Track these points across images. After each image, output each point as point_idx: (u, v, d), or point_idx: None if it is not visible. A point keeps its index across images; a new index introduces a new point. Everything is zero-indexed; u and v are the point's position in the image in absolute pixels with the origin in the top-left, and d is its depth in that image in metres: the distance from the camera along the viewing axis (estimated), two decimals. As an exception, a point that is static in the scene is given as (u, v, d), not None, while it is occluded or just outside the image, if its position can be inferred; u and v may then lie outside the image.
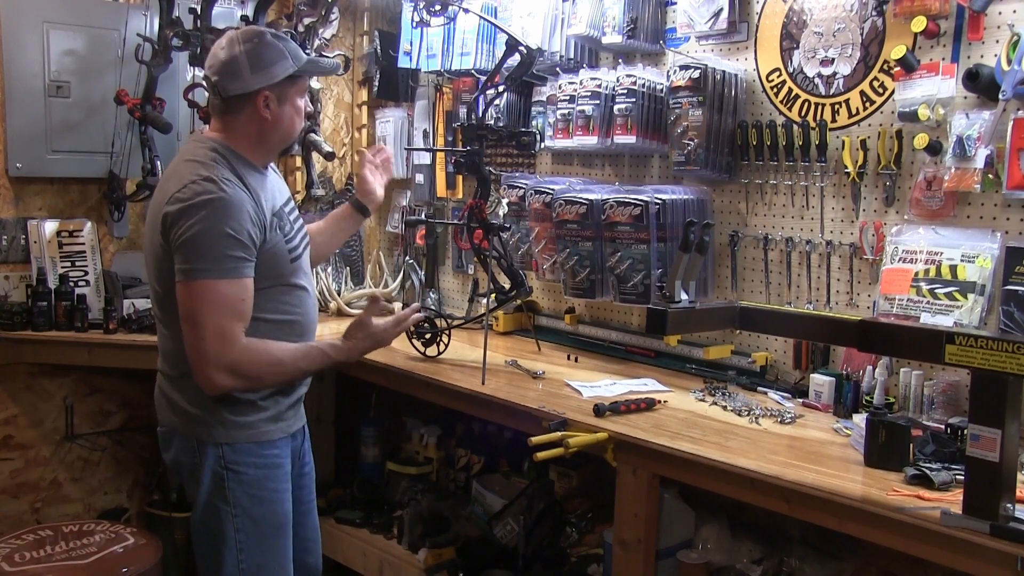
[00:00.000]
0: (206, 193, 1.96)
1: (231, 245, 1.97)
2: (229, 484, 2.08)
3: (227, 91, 2.07)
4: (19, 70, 3.23)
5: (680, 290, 2.14)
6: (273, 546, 2.15)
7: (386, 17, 3.92)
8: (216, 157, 2.05)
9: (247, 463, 2.10)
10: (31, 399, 3.41)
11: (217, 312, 1.96)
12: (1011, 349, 1.52)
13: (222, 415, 2.07)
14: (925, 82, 2.21)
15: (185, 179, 2.00)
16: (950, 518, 1.60)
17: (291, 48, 2.11)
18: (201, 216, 1.95)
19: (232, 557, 2.10)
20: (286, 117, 2.13)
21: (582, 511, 2.83)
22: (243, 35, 2.10)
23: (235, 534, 2.09)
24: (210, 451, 2.08)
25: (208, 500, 2.09)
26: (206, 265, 1.95)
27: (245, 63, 2.05)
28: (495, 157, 3.41)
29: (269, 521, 2.13)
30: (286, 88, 2.11)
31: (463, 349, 2.95)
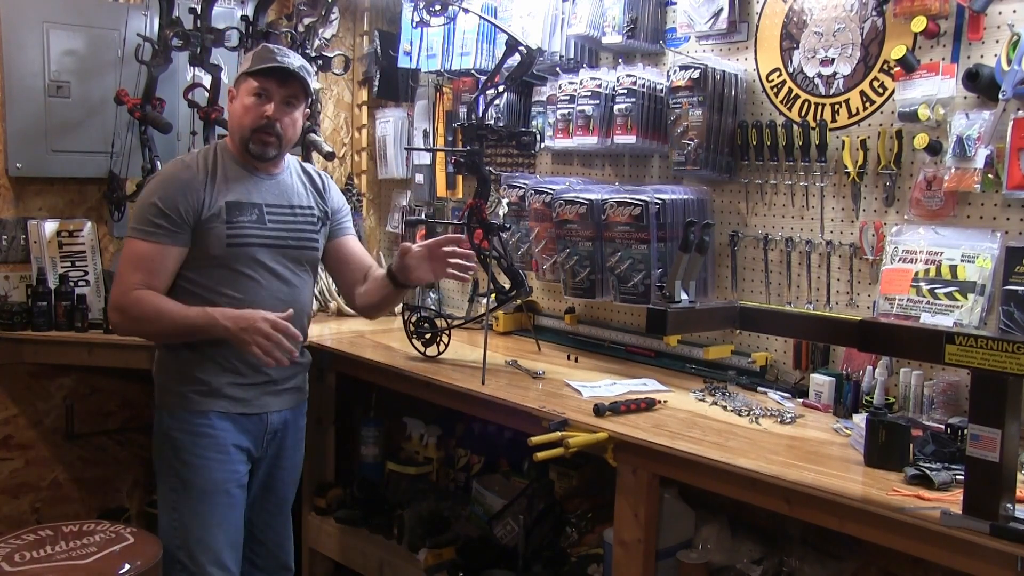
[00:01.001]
0: (163, 170, 2.38)
1: (153, 211, 2.25)
2: (166, 446, 2.34)
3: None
4: (19, 70, 3.23)
5: (680, 290, 2.14)
6: (202, 511, 2.32)
7: (386, 17, 3.92)
8: (204, 148, 2.44)
9: (181, 429, 2.32)
10: (31, 399, 3.41)
11: (128, 265, 2.27)
12: (1011, 349, 1.52)
13: (164, 381, 2.36)
14: (925, 82, 2.21)
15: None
16: (950, 518, 1.60)
17: (263, 54, 2.32)
18: (149, 186, 2.36)
19: (167, 516, 2.36)
20: (235, 112, 2.37)
21: (582, 511, 2.83)
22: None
23: (169, 492, 2.35)
24: (159, 414, 2.37)
25: (156, 456, 2.39)
26: (132, 225, 2.30)
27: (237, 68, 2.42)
28: (495, 157, 3.41)
29: (197, 486, 2.32)
30: (240, 85, 2.36)
31: (463, 349, 2.95)
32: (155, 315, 2.25)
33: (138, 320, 2.27)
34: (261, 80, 2.29)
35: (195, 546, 2.31)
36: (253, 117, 2.30)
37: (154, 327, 2.30)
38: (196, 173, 2.30)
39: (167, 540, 2.33)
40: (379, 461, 3.48)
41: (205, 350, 2.30)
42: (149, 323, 2.28)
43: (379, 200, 4.12)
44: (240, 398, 2.34)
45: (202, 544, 2.31)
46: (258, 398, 2.37)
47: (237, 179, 2.34)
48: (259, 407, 2.38)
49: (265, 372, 2.35)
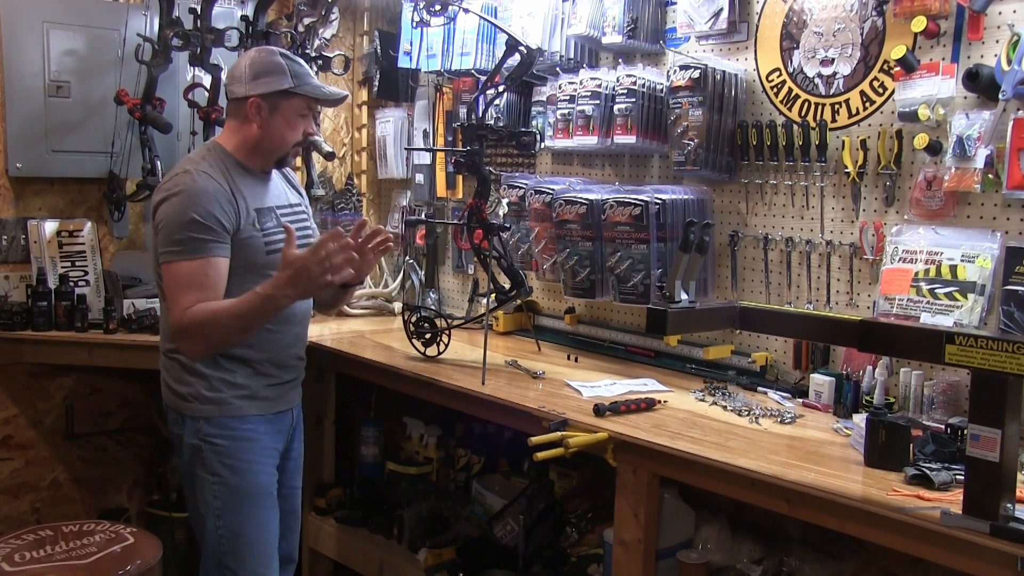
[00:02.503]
0: (179, 184, 2.19)
1: (196, 228, 2.15)
2: (206, 455, 2.26)
3: (230, 93, 2.32)
4: (19, 70, 3.23)
5: (680, 290, 2.14)
6: (250, 514, 2.30)
7: (386, 17, 3.92)
8: (205, 154, 2.29)
9: (221, 435, 2.27)
10: (31, 399, 3.42)
11: (177, 287, 2.16)
12: (1011, 349, 1.52)
13: (198, 391, 2.26)
14: (925, 82, 2.21)
15: (171, 173, 2.27)
16: (950, 518, 1.60)
17: (296, 69, 2.29)
18: (172, 204, 2.18)
19: (212, 522, 2.28)
20: (275, 128, 2.29)
21: (582, 511, 2.83)
22: (257, 49, 2.36)
23: (213, 500, 2.27)
24: (188, 423, 2.27)
25: (189, 468, 2.30)
26: (172, 248, 2.16)
27: (247, 71, 2.27)
28: (495, 157, 3.41)
29: (244, 490, 2.29)
30: (279, 101, 2.28)
31: (463, 349, 2.95)
32: (215, 322, 2.16)
33: (203, 336, 2.17)
34: (311, 102, 2.32)
35: (244, 550, 2.29)
36: (298, 135, 2.33)
37: (220, 335, 2.19)
38: (220, 183, 2.21)
39: (213, 548, 2.28)
40: (379, 461, 3.48)
41: (243, 356, 2.28)
42: (214, 333, 2.17)
43: (379, 200, 4.12)
44: (272, 398, 2.35)
45: (251, 548, 2.30)
46: (284, 395, 2.39)
47: (248, 184, 2.30)
48: (285, 403, 2.40)
49: (290, 370, 2.40)
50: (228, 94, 2.33)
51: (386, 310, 3.75)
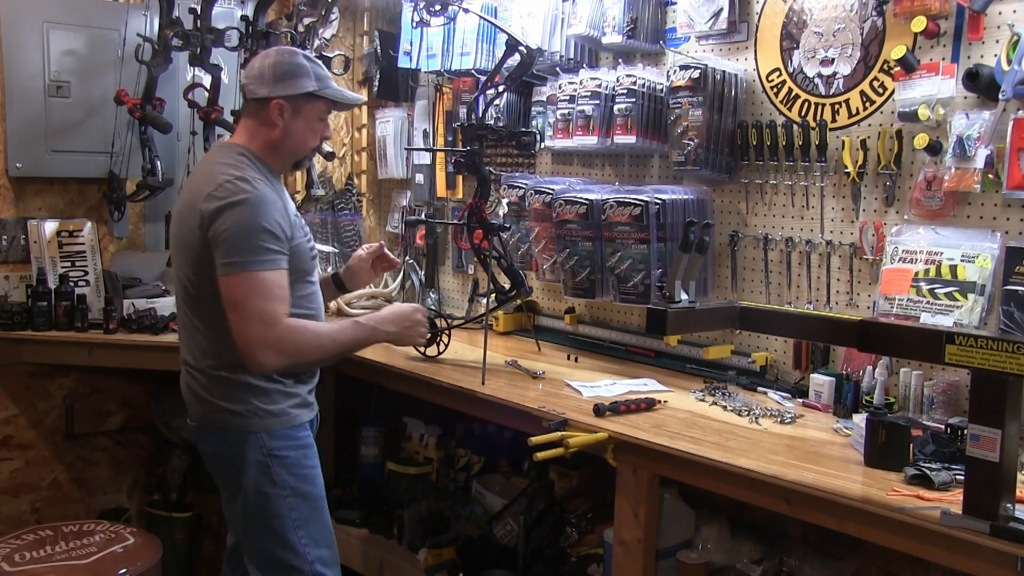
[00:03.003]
0: (241, 192, 2.11)
1: (267, 238, 2.11)
2: (274, 469, 2.19)
3: (251, 94, 2.26)
4: (19, 70, 3.23)
5: (680, 290, 2.14)
6: (323, 518, 2.30)
7: (386, 17, 3.92)
8: (242, 160, 2.21)
9: (286, 447, 2.22)
10: (31, 399, 3.41)
11: (259, 297, 2.09)
12: (1011, 349, 1.52)
13: (257, 406, 2.19)
14: (925, 82, 2.21)
15: (219, 179, 2.14)
16: (950, 518, 1.60)
17: (318, 71, 2.27)
18: (238, 212, 2.09)
19: (294, 535, 2.22)
20: (297, 131, 2.27)
21: (582, 511, 2.83)
22: (278, 50, 2.32)
23: (290, 513, 2.21)
24: (251, 440, 2.18)
25: (256, 487, 2.19)
26: (246, 258, 2.08)
27: (270, 72, 2.23)
28: (495, 157, 3.41)
29: (314, 495, 2.27)
30: (302, 104, 2.25)
31: (463, 349, 2.95)
32: (315, 343, 2.19)
33: (300, 354, 2.17)
34: (331, 105, 2.32)
35: (327, 554, 2.29)
36: (318, 138, 2.34)
37: (314, 356, 2.21)
38: (266, 187, 2.17)
39: (300, 562, 2.22)
40: (379, 461, 3.48)
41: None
42: (310, 353, 2.19)
43: (379, 200, 4.12)
44: (312, 403, 2.34)
45: (330, 550, 2.31)
46: (313, 400, 2.37)
47: (279, 188, 2.28)
48: (316, 407, 2.38)
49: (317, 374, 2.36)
50: (247, 94, 2.28)
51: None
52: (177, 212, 2.27)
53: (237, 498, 2.23)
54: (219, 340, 2.17)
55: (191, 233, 2.15)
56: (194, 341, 2.24)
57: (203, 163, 2.33)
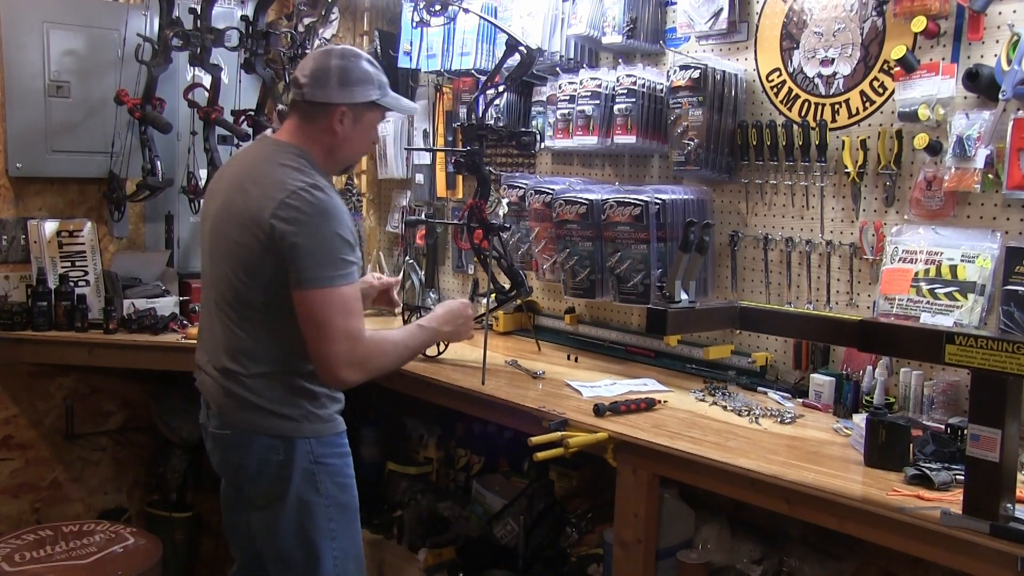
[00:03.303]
0: (319, 202, 2.03)
1: (347, 251, 2.05)
2: (320, 477, 2.14)
3: (312, 96, 2.14)
4: (19, 70, 3.23)
5: (680, 290, 2.14)
6: (356, 530, 2.25)
7: (386, 17, 3.92)
8: (305, 164, 2.11)
9: (331, 454, 2.17)
10: (31, 399, 3.41)
11: (343, 315, 2.03)
12: (1011, 349, 1.52)
13: (309, 411, 2.13)
14: (925, 82, 2.21)
15: (290, 185, 2.03)
16: (950, 518, 1.60)
17: (381, 79, 2.22)
18: (319, 224, 2.01)
19: (328, 546, 2.16)
20: (356, 138, 2.22)
21: (582, 511, 2.83)
22: (341, 51, 2.20)
23: (328, 523, 2.16)
24: (300, 446, 2.11)
25: (299, 495, 2.12)
26: (328, 273, 2.01)
27: (335, 76, 2.14)
28: (495, 157, 3.41)
29: (352, 506, 2.23)
30: (363, 112, 2.20)
31: (463, 349, 2.95)
32: (394, 355, 2.20)
33: (378, 368, 2.15)
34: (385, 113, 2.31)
35: (351, 564, 2.23)
36: (370, 145, 2.35)
37: (390, 367, 2.23)
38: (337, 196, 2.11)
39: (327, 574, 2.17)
40: (379, 461, 3.48)
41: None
42: (386, 364, 2.19)
43: (379, 200, 4.12)
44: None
45: (358, 560, 2.26)
46: None
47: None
48: None
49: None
50: (306, 95, 2.14)
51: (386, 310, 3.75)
52: (227, 212, 2.12)
53: (272, 507, 2.13)
54: (271, 344, 2.10)
55: (252, 238, 2.03)
56: (237, 346, 2.12)
57: (257, 160, 2.16)
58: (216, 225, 2.15)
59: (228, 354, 2.13)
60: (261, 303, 2.08)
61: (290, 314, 2.05)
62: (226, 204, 2.14)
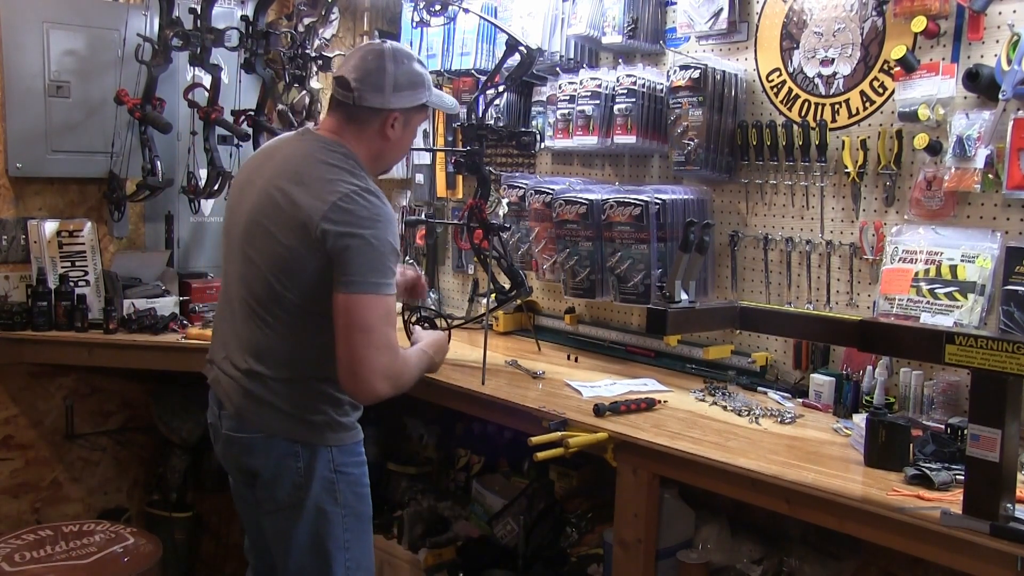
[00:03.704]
0: (373, 207, 1.97)
1: (394, 260, 2.00)
2: (339, 486, 2.09)
3: (364, 100, 2.07)
4: (19, 70, 3.23)
5: (680, 290, 2.14)
6: (368, 540, 2.20)
7: (386, 17, 3.92)
8: (355, 166, 2.05)
9: (351, 463, 2.13)
10: (31, 399, 3.41)
11: (386, 324, 1.98)
12: (1011, 349, 1.52)
13: (332, 418, 2.09)
14: (925, 82, 2.21)
15: (342, 188, 1.97)
16: (950, 518, 1.60)
17: (430, 80, 2.18)
18: (373, 230, 1.95)
19: (341, 556, 2.11)
20: (405, 141, 2.19)
21: (582, 511, 2.83)
22: (396, 53, 2.10)
23: (343, 533, 2.11)
24: (321, 454, 2.07)
25: (317, 504, 2.07)
26: (377, 279, 1.95)
27: (391, 81, 2.07)
28: (495, 157, 3.41)
29: (367, 516, 2.18)
30: (414, 115, 2.16)
31: (463, 349, 2.95)
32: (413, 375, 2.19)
33: (404, 385, 2.12)
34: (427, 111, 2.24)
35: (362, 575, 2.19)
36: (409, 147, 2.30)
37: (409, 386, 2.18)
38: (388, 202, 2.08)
39: None
40: (379, 461, 3.48)
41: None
42: (408, 383, 2.16)
43: (379, 200, 4.12)
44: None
45: (367, 571, 2.20)
46: None
47: None
48: None
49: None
50: (357, 99, 2.05)
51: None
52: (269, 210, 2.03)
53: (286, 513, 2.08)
54: (302, 349, 2.04)
55: (297, 240, 1.97)
56: (265, 347, 2.05)
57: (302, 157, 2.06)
58: (254, 222, 2.05)
59: (253, 355, 2.06)
60: (297, 306, 2.01)
61: (324, 319, 1.98)
62: (267, 201, 2.04)
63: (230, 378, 2.10)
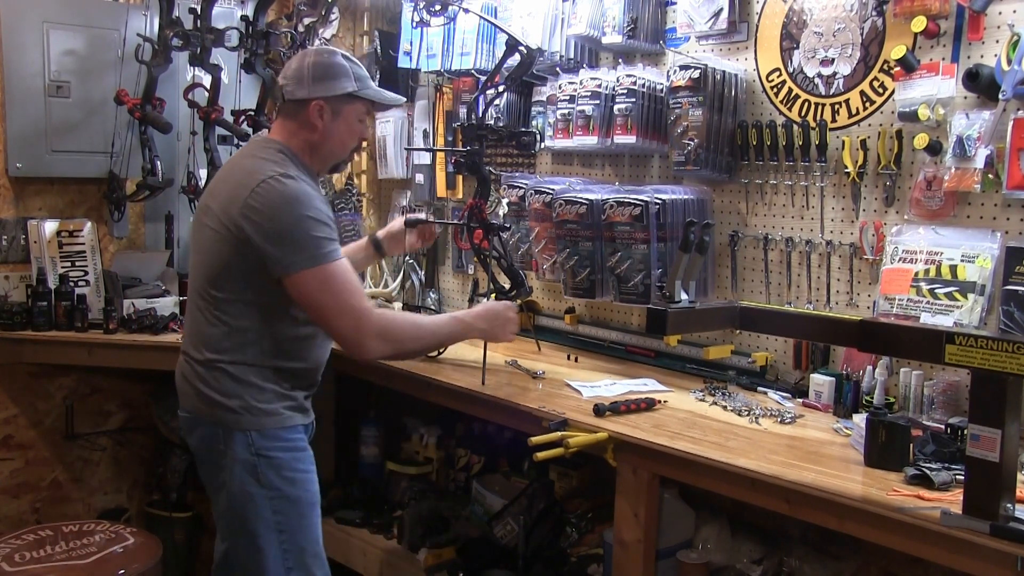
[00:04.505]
0: (288, 188, 2.09)
1: (323, 229, 2.10)
2: (261, 468, 2.15)
3: (289, 95, 2.24)
4: (19, 70, 3.23)
5: (680, 290, 2.14)
6: (310, 525, 2.24)
7: (386, 17, 3.92)
8: (283, 158, 2.18)
9: (276, 447, 2.18)
10: (31, 399, 3.42)
11: (341, 291, 2.10)
12: (1011, 349, 1.52)
13: (250, 403, 2.16)
14: (925, 82, 2.21)
15: (261, 175, 2.11)
16: (950, 518, 1.60)
17: (358, 72, 2.28)
18: (288, 208, 2.07)
19: (274, 538, 2.17)
20: (336, 132, 2.27)
21: (582, 511, 2.83)
22: (316, 50, 2.30)
23: (273, 515, 2.17)
24: (238, 438, 2.15)
25: (241, 487, 2.15)
26: (310, 253, 2.07)
27: (309, 73, 2.22)
28: (495, 157, 3.41)
29: (304, 501, 2.22)
30: (341, 105, 2.25)
31: (463, 349, 2.94)
32: (416, 333, 2.30)
33: (402, 342, 2.24)
34: (370, 106, 2.34)
35: (311, 561, 2.23)
36: (357, 140, 2.35)
37: (414, 347, 2.33)
38: (308, 183, 2.17)
39: (276, 567, 2.17)
40: (379, 461, 3.48)
41: (293, 368, 2.22)
42: (414, 341, 2.30)
43: (379, 200, 4.12)
44: (308, 408, 2.30)
45: (316, 558, 2.25)
46: (312, 405, 2.35)
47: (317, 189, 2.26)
48: (312, 412, 2.35)
49: (319, 381, 2.34)
50: (284, 94, 2.24)
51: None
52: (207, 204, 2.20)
53: (220, 494, 2.20)
54: (227, 334, 2.15)
55: (222, 227, 2.11)
56: (202, 331, 2.19)
57: (239, 157, 2.29)
58: (197, 217, 2.26)
59: (191, 339, 2.23)
60: (223, 292, 2.14)
61: (249, 306, 2.14)
62: (207, 197, 2.24)
63: (180, 363, 2.29)
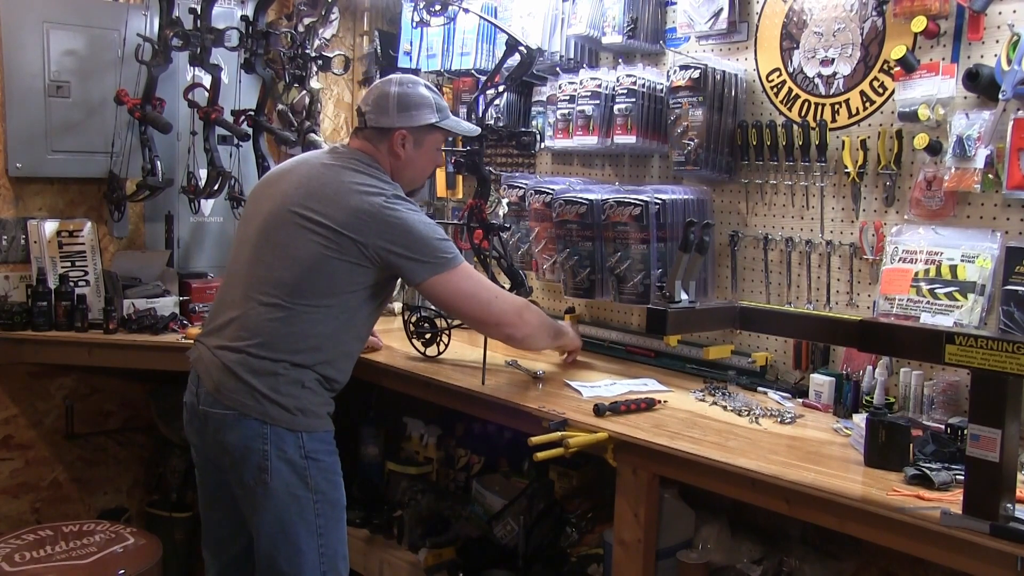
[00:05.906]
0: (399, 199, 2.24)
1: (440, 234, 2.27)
2: (311, 472, 2.17)
3: (373, 123, 2.33)
4: (19, 70, 3.23)
5: (680, 290, 2.14)
6: (341, 528, 2.26)
7: (386, 17, 3.92)
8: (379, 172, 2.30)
9: (323, 450, 2.21)
10: (31, 399, 3.41)
11: (480, 283, 2.33)
12: (1011, 349, 1.52)
13: (305, 405, 2.17)
14: (925, 82, 2.21)
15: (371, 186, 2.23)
16: (950, 518, 1.60)
17: (439, 103, 2.38)
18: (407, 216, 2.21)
19: (314, 542, 2.18)
20: (418, 160, 2.39)
21: (582, 511, 2.83)
22: (399, 79, 2.38)
23: (315, 519, 2.18)
24: (289, 438, 2.15)
25: (287, 489, 2.14)
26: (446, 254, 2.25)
27: (394, 102, 2.32)
28: (495, 157, 3.41)
29: (341, 504, 2.26)
30: (423, 135, 2.36)
31: (463, 349, 2.95)
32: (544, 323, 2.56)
33: (532, 327, 2.46)
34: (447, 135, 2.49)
35: (341, 564, 2.25)
36: (434, 167, 2.53)
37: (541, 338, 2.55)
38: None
39: (312, 570, 2.17)
40: (379, 461, 3.48)
41: (336, 378, 2.25)
42: (541, 332, 2.53)
43: (379, 200, 4.12)
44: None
45: (344, 561, 2.27)
46: None
47: None
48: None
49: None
50: (368, 121, 2.33)
51: (386, 310, 3.75)
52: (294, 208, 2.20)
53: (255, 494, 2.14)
54: (299, 335, 2.16)
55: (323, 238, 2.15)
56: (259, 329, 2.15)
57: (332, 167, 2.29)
58: (277, 217, 2.22)
59: (253, 335, 2.16)
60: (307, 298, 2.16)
61: (329, 315, 2.17)
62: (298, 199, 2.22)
63: (213, 354, 2.19)
